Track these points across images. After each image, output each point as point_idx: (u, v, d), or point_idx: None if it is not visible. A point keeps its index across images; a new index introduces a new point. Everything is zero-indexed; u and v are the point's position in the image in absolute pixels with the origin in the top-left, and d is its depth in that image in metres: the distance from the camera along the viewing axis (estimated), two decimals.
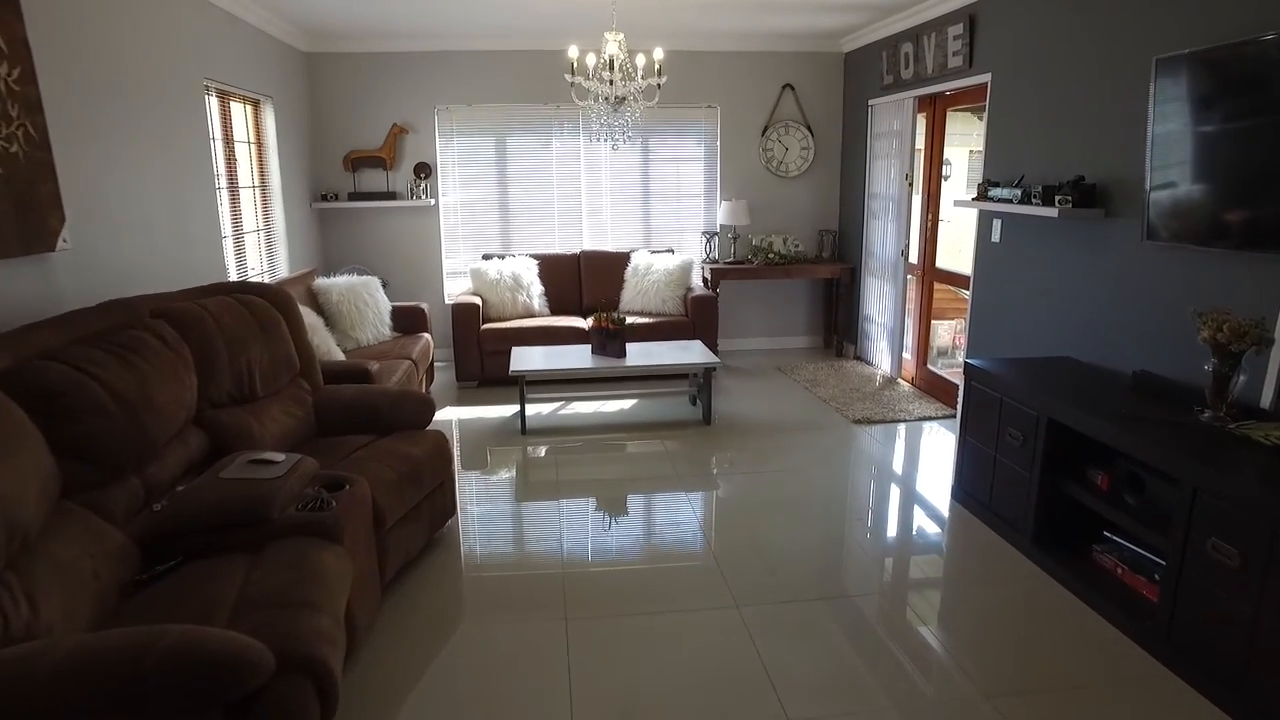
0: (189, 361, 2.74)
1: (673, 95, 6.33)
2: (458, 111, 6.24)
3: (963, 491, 3.71)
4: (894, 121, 5.67)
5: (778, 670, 2.52)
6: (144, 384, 2.43)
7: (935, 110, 5.33)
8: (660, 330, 5.78)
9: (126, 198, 3.38)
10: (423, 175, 6.22)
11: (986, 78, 4.47)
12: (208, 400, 2.90)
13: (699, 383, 5.02)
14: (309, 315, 4.05)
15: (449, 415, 5.17)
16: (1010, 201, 3.98)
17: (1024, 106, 4.14)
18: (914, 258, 5.66)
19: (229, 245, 4.66)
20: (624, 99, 3.91)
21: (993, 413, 3.42)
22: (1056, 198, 3.59)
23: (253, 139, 5.21)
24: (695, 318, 5.85)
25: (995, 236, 4.45)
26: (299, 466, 2.58)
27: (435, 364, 6.11)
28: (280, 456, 2.62)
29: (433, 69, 6.11)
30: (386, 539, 2.84)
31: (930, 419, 4.99)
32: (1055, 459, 3.08)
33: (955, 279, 5.34)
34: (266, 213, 5.35)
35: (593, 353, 4.97)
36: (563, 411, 5.25)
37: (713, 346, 5.84)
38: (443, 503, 3.31)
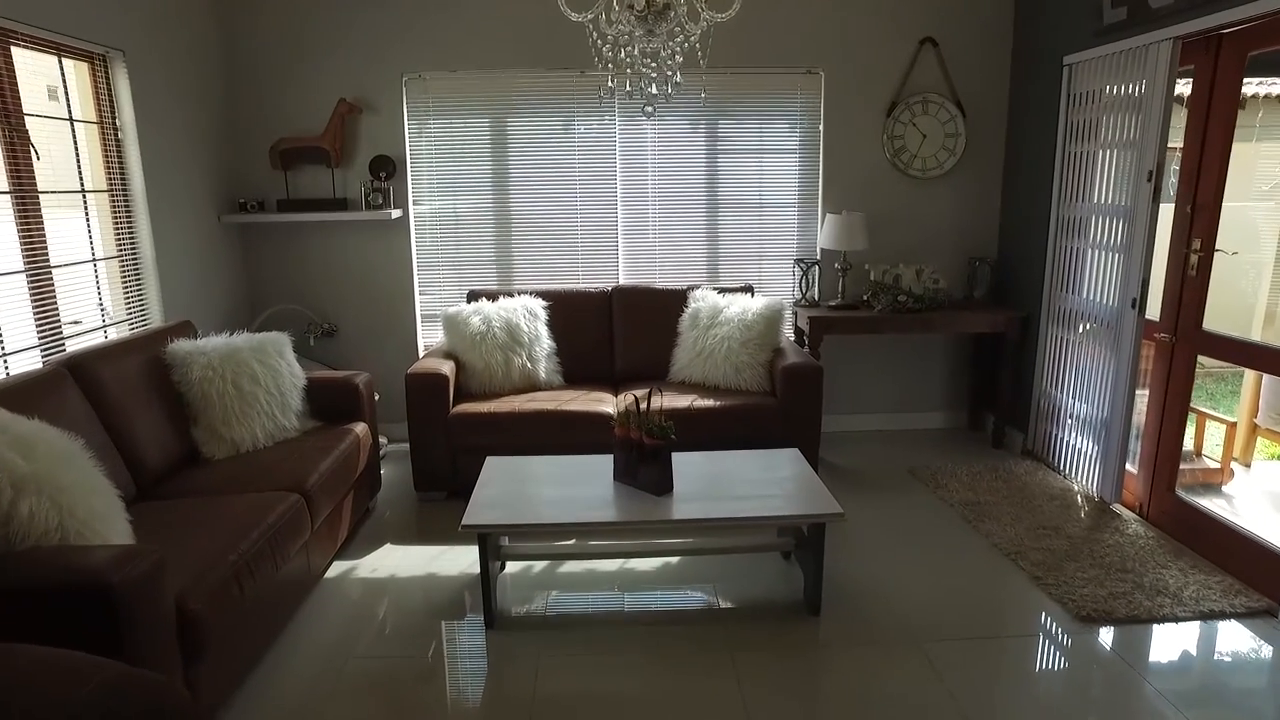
0: None
1: (755, 55, 4.21)
2: (435, 81, 4.25)
3: None
4: (1123, 85, 3.43)
5: None
6: None
7: (1217, 59, 3.08)
8: (729, 421, 3.64)
9: None
10: (385, 174, 4.25)
11: None
12: None
13: (802, 534, 2.89)
14: (55, 442, 2.04)
15: (376, 566, 3.15)
16: None
17: None
18: (1154, 310, 3.41)
19: (10, 285, 2.77)
20: (666, 7, 1.82)
21: None
22: None
23: (92, 117, 3.32)
24: (787, 399, 3.69)
25: None
26: None
27: (387, 458, 4.14)
28: None
29: (399, 20, 4.14)
30: None
31: (1222, 615, 2.72)
32: None
33: (1253, 354, 3.06)
34: (120, 232, 3.45)
35: (615, 478, 2.89)
36: (564, 570, 3.16)
37: (814, 445, 3.68)
38: None
